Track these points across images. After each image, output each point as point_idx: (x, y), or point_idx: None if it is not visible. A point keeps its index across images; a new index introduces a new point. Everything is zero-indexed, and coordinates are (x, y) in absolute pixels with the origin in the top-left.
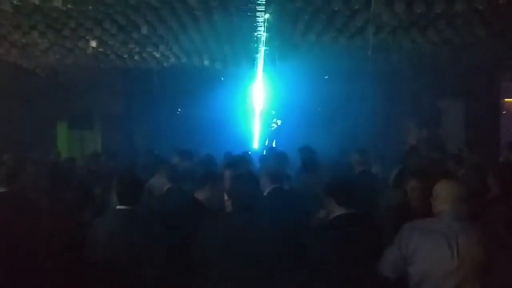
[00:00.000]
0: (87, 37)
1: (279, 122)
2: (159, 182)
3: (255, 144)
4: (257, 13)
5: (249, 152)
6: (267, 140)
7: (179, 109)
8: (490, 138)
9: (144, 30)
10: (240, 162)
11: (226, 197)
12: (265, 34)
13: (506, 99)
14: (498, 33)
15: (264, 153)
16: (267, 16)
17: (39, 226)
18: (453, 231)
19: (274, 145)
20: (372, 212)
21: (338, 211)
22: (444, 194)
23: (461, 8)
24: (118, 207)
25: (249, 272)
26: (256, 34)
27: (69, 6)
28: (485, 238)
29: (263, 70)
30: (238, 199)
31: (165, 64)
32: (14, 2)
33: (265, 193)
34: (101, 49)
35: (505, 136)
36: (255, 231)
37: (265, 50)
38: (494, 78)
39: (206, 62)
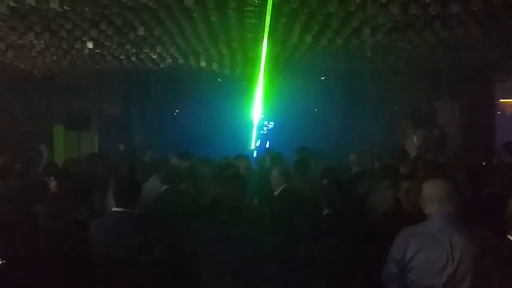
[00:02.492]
0: (83, 39)
1: (271, 124)
2: (156, 184)
3: (252, 145)
4: (253, 14)
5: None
6: (259, 141)
7: (176, 110)
8: (485, 138)
9: (141, 31)
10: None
11: None
12: (261, 35)
13: (501, 100)
14: (493, 34)
15: (255, 155)
16: (263, 17)
17: (36, 226)
18: (446, 234)
19: (268, 146)
20: (365, 212)
21: (325, 210)
22: (431, 194)
23: (456, 10)
24: (114, 209)
25: (238, 272)
26: (252, 35)
27: (65, 7)
28: (479, 239)
29: (260, 71)
30: (225, 200)
31: (162, 65)
32: (11, 3)
33: (276, 192)
34: (98, 51)
35: (501, 137)
36: (242, 233)
37: (261, 51)
38: (490, 79)
39: (203, 64)
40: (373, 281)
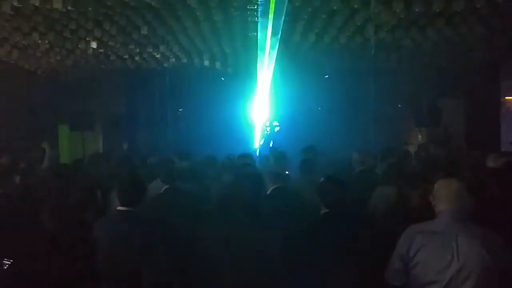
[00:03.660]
0: (87, 38)
1: (275, 124)
2: (160, 184)
3: (256, 144)
4: (256, 13)
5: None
6: (263, 140)
7: (180, 109)
8: (490, 136)
9: (145, 30)
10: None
11: None
12: (265, 34)
13: (506, 97)
14: (497, 32)
15: (258, 154)
16: (266, 16)
17: (40, 226)
18: (453, 232)
19: (271, 145)
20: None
21: (324, 209)
22: (442, 193)
23: (460, 7)
24: (118, 208)
25: (250, 270)
26: (255, 34)
27: (69, 7)
28: (486, 238)
29: (263, 70)
30: (241, 198)
31: (165, 65)
32: (15, 3)
33: (268, 192)
34: (102, 50)
35: (505, 135)
36: (257, 230)
37: (265, 50)
38: (494, 76)
39: (206, 63)
40: (374, 281)
